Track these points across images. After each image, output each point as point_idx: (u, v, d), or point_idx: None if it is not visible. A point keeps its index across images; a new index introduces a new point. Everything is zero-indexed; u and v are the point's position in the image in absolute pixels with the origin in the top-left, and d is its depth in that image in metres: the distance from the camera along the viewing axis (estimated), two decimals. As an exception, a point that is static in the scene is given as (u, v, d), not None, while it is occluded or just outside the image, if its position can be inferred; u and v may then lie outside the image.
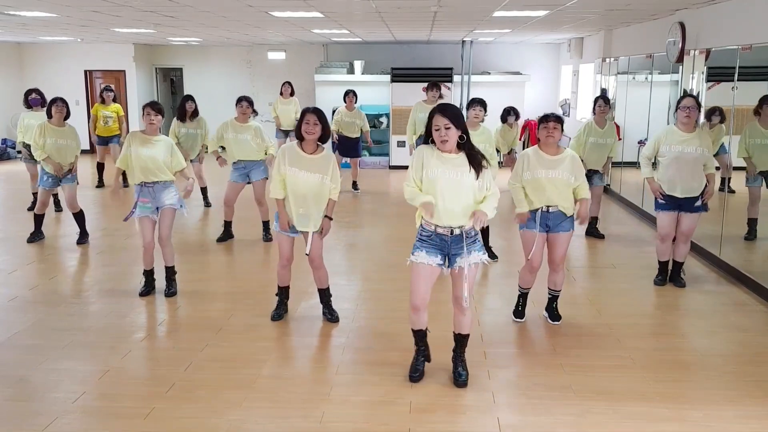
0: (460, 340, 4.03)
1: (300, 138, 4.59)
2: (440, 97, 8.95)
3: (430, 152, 3.77)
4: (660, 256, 5.87)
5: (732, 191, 6.63)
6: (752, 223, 6.45)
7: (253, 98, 7.36)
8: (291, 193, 4.61)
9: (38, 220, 7.31)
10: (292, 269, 5.03)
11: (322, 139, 4.61)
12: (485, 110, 6.12)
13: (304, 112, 4.61)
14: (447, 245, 3.80)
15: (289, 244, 4.85)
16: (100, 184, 10.49)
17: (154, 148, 5.29)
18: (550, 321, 5.00)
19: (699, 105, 5.61)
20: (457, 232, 3.77)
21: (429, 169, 3.73)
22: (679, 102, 5.60)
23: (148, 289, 5.56)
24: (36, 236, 7.31)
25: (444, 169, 3.72)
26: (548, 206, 4.65)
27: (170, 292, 5.54)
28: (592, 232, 7.56)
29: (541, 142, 4.70)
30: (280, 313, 5.06)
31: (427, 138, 3.81)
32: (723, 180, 7.03)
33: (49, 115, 6.93)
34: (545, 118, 4.66)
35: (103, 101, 10.37)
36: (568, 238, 4.77)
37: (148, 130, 5.35)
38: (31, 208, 8.83)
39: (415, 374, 4.03)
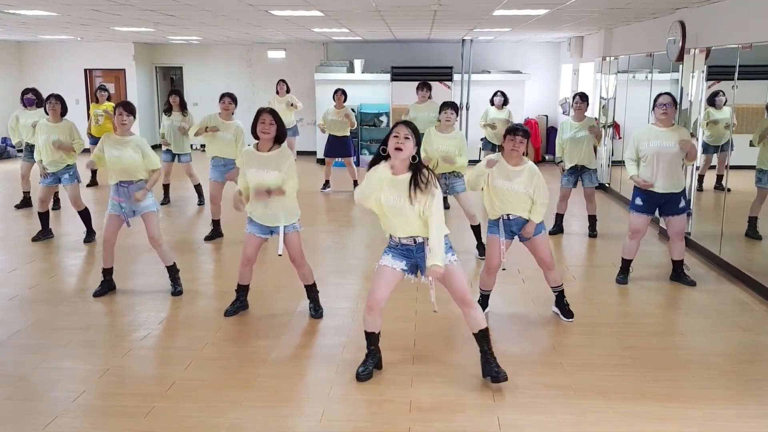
0: (483, 336, 4.00)
1: (256, 137, 4.69)
2: (429, 97, 8.90)
3: (385, 174, 3.75)
4: (626, 254, 5.90)
5: (728, 190, 6.62)
6: (753, 221, 6.45)
7: (253, 97, 7.40)
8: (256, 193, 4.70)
9: (42, 218, 7.29)
10: (290, 269, 5.03)
11: (278, 138, 4.69)
12: (457, 113, 6.37)
13: (260, 112, 4.68)
14: (413, 254, 3.84)
15: (255, 245, 4.90)
16: (93, 183, 10.50)
17: (123, 149, 5.28)
18: (564, 319, 5.00)
19: (675, 102, 5.69)
20: (420, 240, 3.81)
21: (382, 193, 3.74)
22: (656, 100, 5.64)
23: (103, 289, 5.54)
24: (42, 235, 7.30)
25: (394, 196, 3.72)
26: (508, 214, 4.72)
27: (176, 291, 5.54)
28: (591, 233, 7.59)
29: (504, 152, 4.71)
30: (235, 309, 5.10)
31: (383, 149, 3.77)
32: (720, 178, 7.04)
33: (46, 112, 6.99)
34: (514, 131, 4.65)
35: (97, 101, 10.40)
36: (544, 238, 4.85)
37: (120, 130, 5.35)
38: (19, 206, 8.84)
39: (364, 372, 4.02)
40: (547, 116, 13.84)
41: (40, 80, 13.72)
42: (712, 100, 6.97)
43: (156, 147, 7.56)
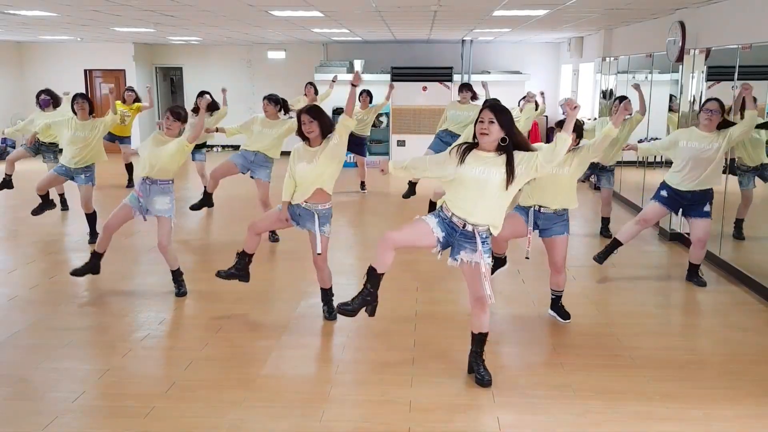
0: (481, 339, 4.01)
1: (304, 138, 4.74)
2: (473, 97, 8.90)
3: (470, 152, 3.75)
4: (622, 235, 5.88)
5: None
6: (739, 223, 6.51)
7: (252, 97, 7.38)
8: (299, 185, 4.72)
9: (43, 197, 7.31)
10: (291, 271, 5.03)
11: (324, 132, 4.68)
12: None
13: (298, 114, 4.71)
14: (455, 234, 3.82)
15: (281, 220, 4.88)
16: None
17: (165, 146, 5.35)
18: (561, 320, 4.99)
19: (723, 109, 5.62)
20: (469, 228, 3.78)
21: (462, 165, 3.73)
22: (703, 104, 5.66)
23: (84, 269, 5.55)
24: (42, 208, 7.32)
25: (474, 166, 3.71)
26: (540, 206, 4.70)
27: (180, 292, 5.55)
28: (603, 232, 7.60)
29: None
30: (228, 273, 5.02)
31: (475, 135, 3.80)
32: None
33: (74, 112, 6.96)
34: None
35: (124, 101, 10.27)
36: (564, 241, 4.81)
37: (167, 134, 5.45)
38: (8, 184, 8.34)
39: (347, 307, 3.91)
40: (546, 117, 13.84)
41: (40, 81, 13.69)
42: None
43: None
